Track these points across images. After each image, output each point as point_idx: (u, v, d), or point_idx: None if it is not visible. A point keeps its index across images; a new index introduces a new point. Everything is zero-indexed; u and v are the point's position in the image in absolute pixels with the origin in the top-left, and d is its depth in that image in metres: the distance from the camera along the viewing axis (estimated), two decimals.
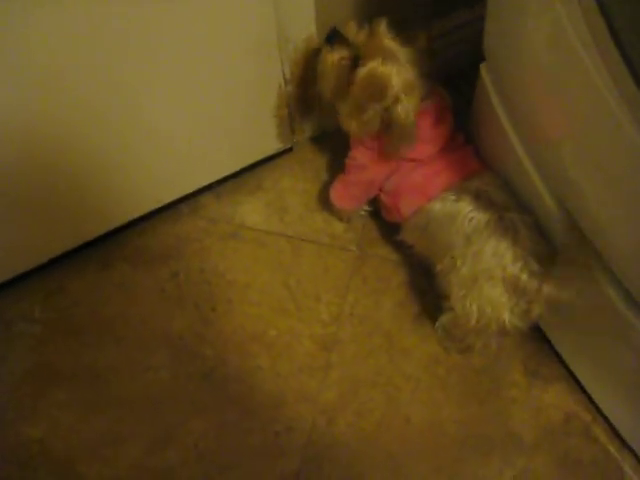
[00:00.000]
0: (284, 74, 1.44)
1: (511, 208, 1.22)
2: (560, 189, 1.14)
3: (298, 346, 1.44)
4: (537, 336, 1.42)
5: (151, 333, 1.46)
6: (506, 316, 1.19)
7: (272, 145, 1.61)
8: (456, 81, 1.51)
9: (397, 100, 1.22)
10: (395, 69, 1.21)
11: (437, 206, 1.27)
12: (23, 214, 1.36)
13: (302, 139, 1.65)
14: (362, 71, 1.22)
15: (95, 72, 1.16)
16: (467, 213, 1.22)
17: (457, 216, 1.23)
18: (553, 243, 1.20)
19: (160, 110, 1.33)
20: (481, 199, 1.23)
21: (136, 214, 1.56)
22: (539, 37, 1.03)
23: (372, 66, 1.21)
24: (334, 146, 1.64)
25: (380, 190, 1.41)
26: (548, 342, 1.42)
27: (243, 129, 1.51)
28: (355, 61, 1.24)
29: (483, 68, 1.28)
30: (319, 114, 1.59)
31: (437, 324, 1.38)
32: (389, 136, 1.28)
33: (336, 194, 1.49)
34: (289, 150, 1.66)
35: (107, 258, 1.55)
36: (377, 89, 1.23)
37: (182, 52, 1.24)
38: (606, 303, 1.12)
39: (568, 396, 1.39)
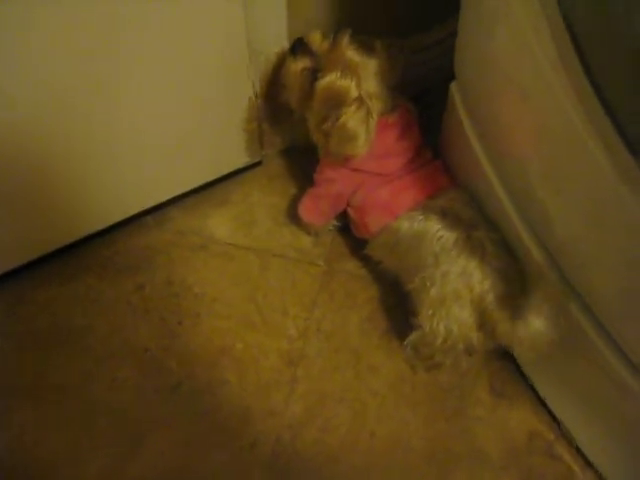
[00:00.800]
0: (254, 88, 1.44)
1: (479, 226, 1.23)
2: (527, 207, 1.15)
3: (265, 361, 1.43)
4: (503, 354, 1.42)
5: (117, 346, 1.44)
6: (473, 336, 1.20)
7: (241, 158, 1.60)
8: (428, 97, 1.52)
9: (351, 111, 1.23)
10: (354, 82, 1.22)
11: (405, 225, 1.28)
12: None
13: (272, 153, 1.65)
14: (321, 83, 1.23)
15: (70, 80, 1.16)
16: (435, 232, 1.22)
17: (425, 235, 1.23)
18: (521, 260, 1.21)
19: (130, 121, 1.32)
20: (448, 217, 1.24)
21: (102, 225, 1.54)
22: (507, 58, 1.04)
23: (331, 79, 1.22)
24: (303, 160, 1.64)
25: (348, 205, 1.41)
26: (514, 360, 1.42)
27: (213, 142, 1.51)
28: (316, 72, 1.25)
29: (453, 86, 1.29)
30: (289, 128, 1.59)
31: (406, 341, 1.37)
32: (330, 138, 1.29)
33: (304, 208, 1.49)
34: (258, 164, 1.66)
35: (72, 269, 1.53)
36: (336, 101, 1.23)
37: (152, 64, 1.24)
38: (573, 324, 1.13)
39: (532, 415, 1.39)
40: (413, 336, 1.33)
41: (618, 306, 1.04)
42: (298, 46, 1.28)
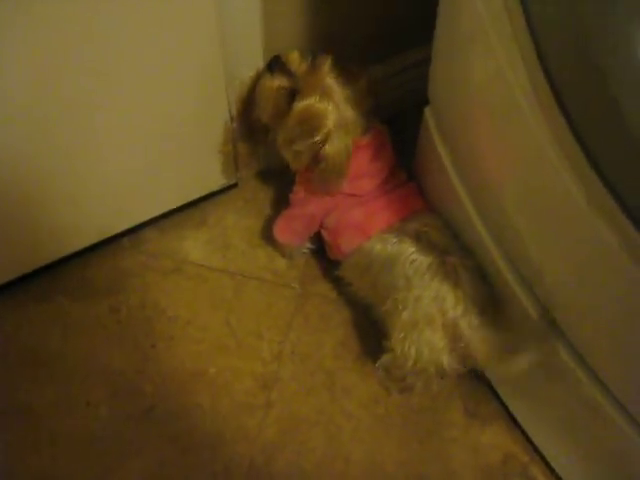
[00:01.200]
0: (230, 110, 1.44)
1: (452, 251, 1.23)
2: (501, 233, 1.16)
3: (238, 384, 1.42)
4: (476, 376, 1.43)
5: (90, 369, 1.43)
6: (444, 359, 1.20)
7: (217, 181, 1.60)
8: (403, 120, 1.53)
9: (328, 138, 1.24)
10: (331, 107, 1.22)
11: (378, 247, 1.28)
12: None
13: (247, 175, 1.65)
14: (299, 105, 1.24)
15: (41, 98, 1.16)
16: (409, 255, 1.23)
17: (399, 258, 1.24)
18: (494, 287, 1.22)
19: (106, 142, 1.32)
20: (422, 241, 1.24)
21: (77, 247, 1.53)
22: (480, 85, 1.05)
23: (309, 102, 1.23)
24: (279, 183, 1.65)
25: (321, 226, 1.41)
26: (487, 381, 1.43)
27: (188, 164, 1.51)
28: (293, 92, 1.25)
29: (427, 111, 1.29)
30: (264, 150, 1.59)
31: (378, 364, 1.37)
32: (317, 171, 1.29)
33: (278, 228, 1.49)
34: (234, 186, 1.66)
35: (47, 291, 1.52)
36: (311, 125, 1.24)
37: (128, 85, 1.24)
38: (546, 348, 1.14)
39: (506, 436, 1.39)
40: (384, 358, 1.33)
41: (591, 333, 1.04)
42: (275, 64, 1.28)
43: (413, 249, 1.23)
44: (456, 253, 1.23)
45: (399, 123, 1.57)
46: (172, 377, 1.43)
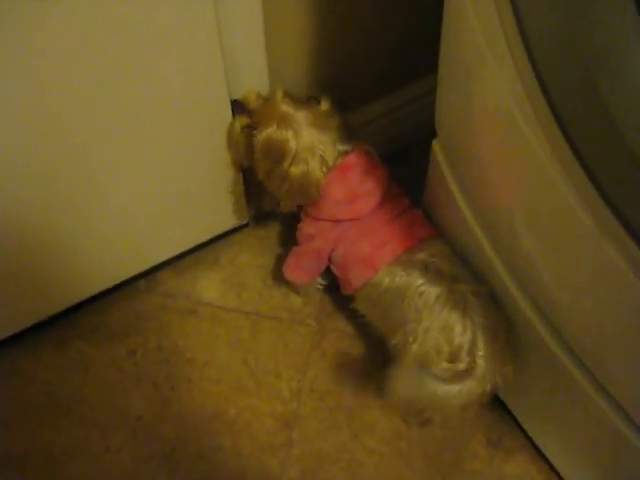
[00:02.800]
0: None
1: (461, 279, 1.23)
2: (512, 260, 1.16)
3: (259, 424, 1.42)
4: (498, 405, 1.42)
5: (109, 413, 1.43)
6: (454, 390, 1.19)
7: (229, 221, 1.61)
8: (410, 153, 1.54)
9: (293, 161, 1.25)
10: (291, 133, 1.24)
11: (386, 280, 1.27)
12: None
13: (259, 214, 1.66)
14: (259, 137, 1.26)
15: (54, 144, 1.17)
16: (417, 287, 1.22)
17: (407, 290, 1.23)
18: (506, 313, 1.21)
19: (118, 187, 1.34)
20: (430, 271, 1.23)
21: (93, 291, 1.54)
22: (483, 115, 1.05)
23: (268, 132, 1.24)
24: (291, 221, 1.64)
25: (330, 261, 1.42)
26: (509, 411, 1.42)
27: (200, 205, 1.52)
28: (255, 128, 1.28)
29: (435, 144, 1.30)
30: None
31: None
32: (283, 191, 1.32)
33: (287, 266, 1.49)
34: (246, 225, 1.67)
35: (63, 336, 1.53)
36: (277, 154, 1.25)
37: (139, 129, 1.25)
38: (565, 376, 1.13)
39: (531, 466, 1.38)
40: None
41: (613, 361, 1.04)
42: (236, 106, 1.32)
43: (421, 280, 1.22)
44: (465, 281, 1.22)
45: (407, 156, 1.58)
46: (192, 419, 1.43)
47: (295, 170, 1.25)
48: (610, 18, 0.71)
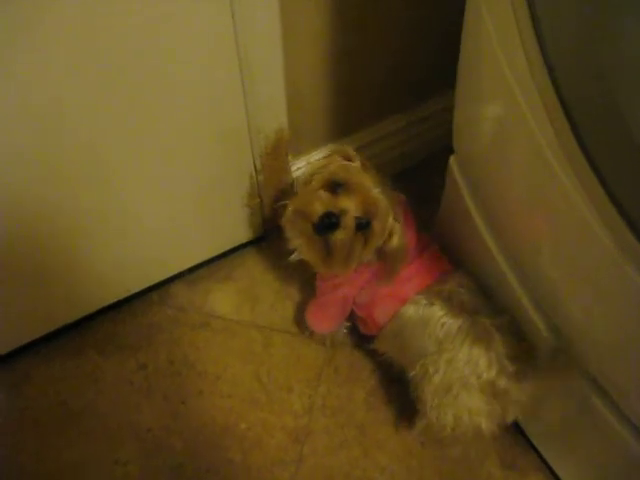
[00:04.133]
0: (255, 164, 1.45)
1: (483, 312, 1.22)
2: (537, 289, 1.14)
3: (270, 439, 1.41)
4: (512, 427, 1.40)
5: (119, 426, 1.43)
6: (483, 423, 1.18)
7: (243, 234, 1.61)
8: (427, 169, 1.53)
9: (393, 229, 1.20)
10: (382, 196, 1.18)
11: (410, 310, 1.26)
12: None
13: (273, 227, 1.65)
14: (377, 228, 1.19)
15: (67, 156, 1.17)
16: (439, 318, 1.21)
17: (429, 321, 1.22)
18: (529, 343, 1.20)
19: (134, 199, 1.34)
20: (453, 302, 1.23)
21: (104, 303, 1.54)
22: (504, 135, 1.04)
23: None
24: None
25: (353, 304, 1.39)
26: (522, 432, 1.40)
27: (215, 218, 1.52)
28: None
29: (452, 160, 1.29)
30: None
31: (413, 430, 1.35)
32: (386, 264, 1.25)
33: (313, 318, 1.46)
34: (261, 238, 1.66)
35: (75, 347, 1.52)
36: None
37: (154, 141, 1.25)
38: (582, 399, 1.11)
39: None
40: (419, 425, 1.31)
41: (633, 387, 1.02)
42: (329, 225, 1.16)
43: (443, 312, 1.21)
44: (487, 313, 1.21)
45: (418, 173, 1.57)
46: (202, 433, 1.42)
47: (398, 241, 1.21)
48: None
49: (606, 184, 0.79)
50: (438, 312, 1.22)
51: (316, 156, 1.56)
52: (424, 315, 1.23)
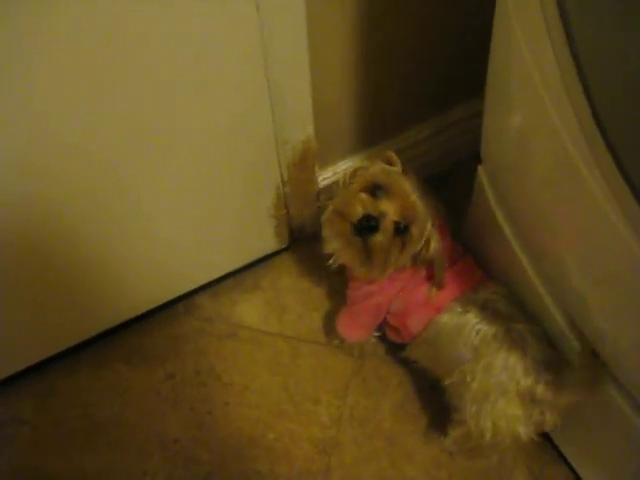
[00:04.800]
0: (282, 175, 1.45)
1: (518, 319, 1.21)
2: (566, 299, 1.13)
3: (297, 450, 1.40)
4: (541, 437, 1.38)
5: (146, 437, 1.43)
6: (521, 430, 1.17)
7: (270, 244, 1.61)
8: (452, 177, 1.52)
9: (430, 236, 1.20)
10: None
11: (445, 318, 1.25)
12: (15, 313, 1.34)
13: (300, 238, 1.65)
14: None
15: (95, 168, 1.17)
16: (474, 325, 1.21)
17: (464, 328, 1.22)
18: (562, 352, 1.19)
19: (160, 211, 1.34)
20: (487, 310, 1.22)
21: (131, 314, 1.55)
22: (534, 144, 1.03)
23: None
24: None
25: (387, 312, 1.38)
26: (551, 441, 1.39)
27: (241, 229, 1.52)
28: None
29: (481, 170, 1.28)
30: (316, 213, 1.59)
31: (447, 439, 1.34)
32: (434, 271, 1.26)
33: (345, 327, 1.44)
34: (287, 249, 1.66)
35: (101, 359, 1.53)
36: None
37: (182, 152, 1.25)
38: (613, 408, 1.10)
39: None
40: (455, 433, 1.30)
41: None
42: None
43: (478, 319, 1.21)
44: (521, 319, 1.21)
45: (447, 180, 1.57)
46: (229, 443, 1.41)
47: (435, 247, 1.21)
48: None
49: (636, 191, 0.78)
50: (473, 319, 1.21)
51: (342, 166, 1.56)
52: (459, 323, 1.23)
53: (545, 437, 1.38)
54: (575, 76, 0.81)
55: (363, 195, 1.16)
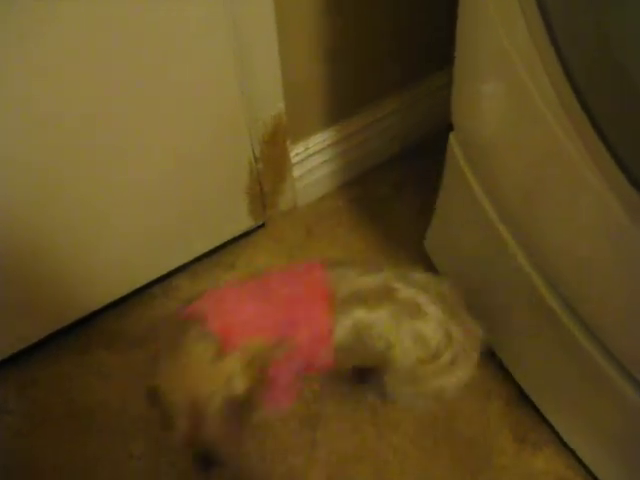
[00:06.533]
0: (254, 152, 1.44)
1: (396, 288, 1.17)
2: (544, 263, 1.14)
3: (282, 427, 1.41)
4: (523, 402, 1.41)
5: (131, 420, 1.42)
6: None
7: (245, 222, 1.60)
8: (425, 148, 1.52)
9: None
10: None
11: (340, 332, 1.16)
12: None
13: (274, 214, 1.65)
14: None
15: (67, 143, 1.16)
16: (365, 319, 1.15)
17: (360, 326, 1.16)
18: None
19: (132, 192, 1.33)
20: (365, 300, 1.16)
21: (110, 299, 1.54)
22: (505, 106, 1.04)
23: None
24: (306, 221, 1.64)
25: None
26: (533, 406, 1.40)
27: (215, 208, 1.51)
28: None
29: (452, 137, 1.29)
30: (290, 188, 1.59)
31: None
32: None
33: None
34: (262, 226, 1.66)
35: (82, 345, 1.52)
36: None
37: (149, 131, 1.25)
38: (591, 364, 1.11)
39: (558, 460, 1.36)
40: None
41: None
42: None
43: (363, 312, 1.16)
44: (400, 287, 1.17)
45: (422, 149, 1.57)
46: None
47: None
48: None
49: (611, 149, 0.79)
50: (360, 315, 1.15)
51: (314, 141, 1.56)
52: (353, 324, 1.16)
53: (528, 401, 1.40)
54: (546, 36, 0.81)
55: None
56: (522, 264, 1.18)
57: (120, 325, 1.55)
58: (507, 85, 1.00)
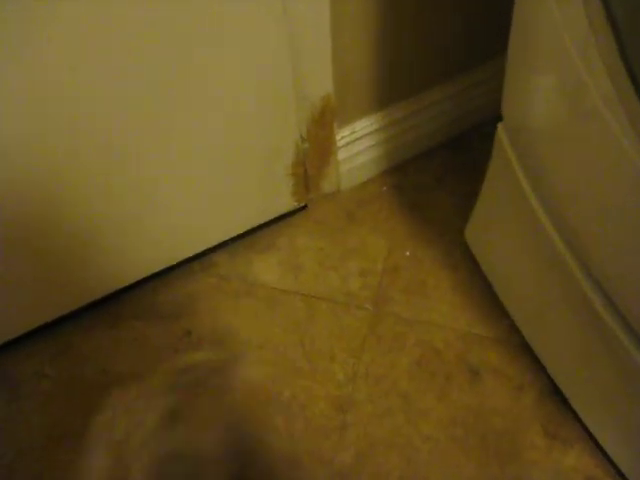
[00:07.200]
0: (300, 132, 1.44)
1: None
2: (585, 253, 1.13)
3: (313, 407, 1.41)
4: (555, 397, 1.39)
5: None
6: None
7: (287, 203, 1.61)
8: (470, 138, 1.51)
9: None
10: None
11: None
12: (32, 271, 1.36)
13: (317, 197, 1.65)
14: None
15: (110, 123, 1.18)
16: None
17: None
18: None
19: (176, 167, 1.34)
20: None
21: (147, 272, 1.55)
22: (560, 100, 1.03)
23: None
24: (348, 205, 1.64)
25: None
26: (566, 402, 1.39)
27: (259, 187, 1.52)
28: None
29: (500, 128, 1.27)
30: (335, 171, 1.59)
31: None
32: None
33: None
34: (304, 208, 1.66)
35: (118, 316, 1.54)
36: None
37: (198, 108, 1.25)
38: (625, 359, 1.10)
39: (588, 458, 1.35)
40: None
41: None
42: None
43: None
44: None
45: (466, 142, 1.56)
46: (245, 401, 1.42)
47: None
48: None
49: None
50: None
51: (361, 125, 1.56)
52: None
53: (560, 397, 1.39)
54: (609, 30, 0.80)
55: None
56: (565, 258, 1.17)
57: (156, 298, 1.56)
58: (563, 78, 0.99)
